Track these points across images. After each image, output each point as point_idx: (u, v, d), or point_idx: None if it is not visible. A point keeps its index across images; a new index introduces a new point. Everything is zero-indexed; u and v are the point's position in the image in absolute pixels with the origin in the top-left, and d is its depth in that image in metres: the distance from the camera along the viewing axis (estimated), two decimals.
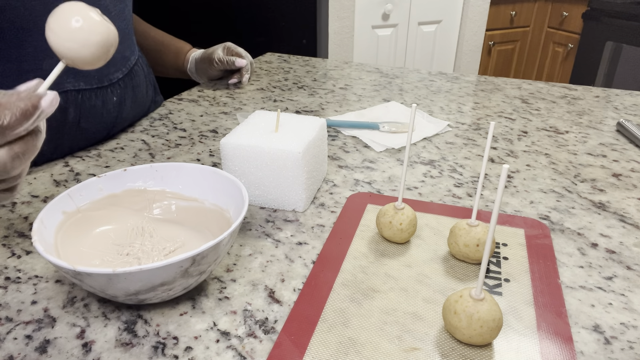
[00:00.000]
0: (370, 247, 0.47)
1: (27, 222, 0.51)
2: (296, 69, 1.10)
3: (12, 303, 0.41)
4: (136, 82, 0.75)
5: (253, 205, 0.55)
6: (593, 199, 0.58)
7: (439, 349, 0.36)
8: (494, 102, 0.91)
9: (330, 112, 0.84)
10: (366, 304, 0.40)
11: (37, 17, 0.55)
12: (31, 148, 0.38)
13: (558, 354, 0.36)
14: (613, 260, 0.47)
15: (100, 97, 0.67)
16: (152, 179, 0.49)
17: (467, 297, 0.35)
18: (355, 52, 2.23)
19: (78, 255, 0.42)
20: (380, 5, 2.20)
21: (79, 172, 0.62)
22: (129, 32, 0.74)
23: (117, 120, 0.72)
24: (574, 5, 2.52)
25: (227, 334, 0.38)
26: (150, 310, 0.40)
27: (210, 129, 0.76)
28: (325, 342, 0.36)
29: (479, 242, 0.43)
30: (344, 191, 0.59)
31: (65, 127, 0.64)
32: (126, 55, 0.72)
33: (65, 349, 0.36)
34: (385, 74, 1.07)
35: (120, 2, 0.69)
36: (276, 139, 0.52)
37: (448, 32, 2.43)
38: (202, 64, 0.94)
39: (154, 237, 0.46)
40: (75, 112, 0.64)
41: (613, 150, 0.71)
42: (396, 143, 0.72)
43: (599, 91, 0.97)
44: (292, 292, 0.42)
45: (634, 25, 2.20)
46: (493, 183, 0.61)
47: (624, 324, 0.39)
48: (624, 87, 2.25)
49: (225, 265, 0.45)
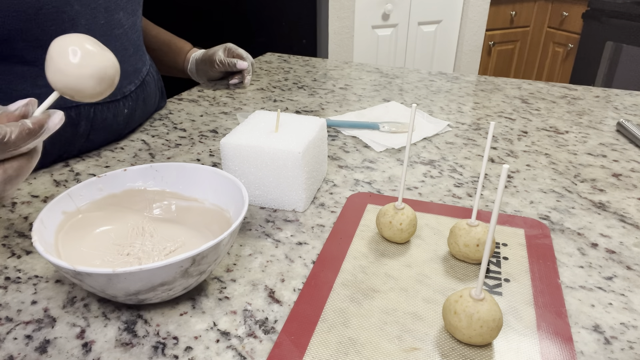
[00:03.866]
0: (370, 247, 0.47)
1: (27, 222, 0.51)
2: (296, 69, 1.10)
3: (12, 303, 0.41)
4: (147, 93, 0.75)
5: (253, 205, 0.55)
6: (593, 199, 0.58)
7: (439, 349, 0.36)
8: (494, 102, 0.91)
9: (330, 112, 0.84)
10: (366, 304, 0.40)
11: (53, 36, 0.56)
12: (25, 170, 0.38)
13: (558, 354, 0.36)
14: (613, 260, 0.47)
15: (112, 110, 0.67)
16: (152, 179, 0.49)
17: (467, 297, 0.35)
18: (355, 52, 2.23)
19: (78, 256, 0.42)
20: (380, 5, 2.20)
21: (79, 172, 0.62)
22: (141, 44, 0.74)
23: (125, 132, 0.72)
24: (574, 5, 2.52)
25: (227, 334, 0.38)
26: (150, 310, 0.40)
27: (210, 129, 0.76)
28: (325, 342, 0.36)
29: (479, 242, 0.43)
30: (344, 191, 0.59)
31: (74, 139, 0.64)
32: (138, 67, 0.72)
33: (65, 349, 0.36)
34: (385, 74, 1.07)
35: (132, 15, 0.69)
36: (276, 139, 0.52)
37: (448, 32, 2.43)
38: (203, 65, 0.94)
39: (155, 237, 0.46)
40: (87, 125, 0.64)
41: (613, 150, 0.71)
42: (396, 143, 0.72)
43: (599, 91, 0.97)
44: (292, 292, 0.42)
45: (634, 25, 2.20)
46: (493, 183, 0.61)
47: (624, 324, 0.39)
48: (624, 87, 2.25)
49: (225, 265, 0.45)
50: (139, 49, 0.73)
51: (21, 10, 0.53)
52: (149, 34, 0.93)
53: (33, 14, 0.53)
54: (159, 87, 0.83)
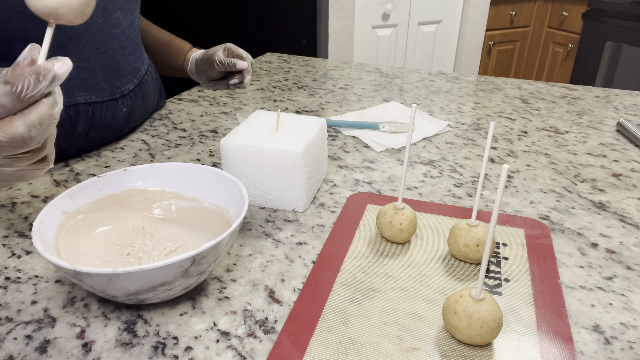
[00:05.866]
0: (370, 247, 0.47)
1: (27, 222, 0.51)
2: (296, 69, 1.10)
3: (12, 303, 0.41)
4: (146, 92, 0.75)
5: (253, 205, 0.55)
6: (593, 199, 0.58)
7: (439, 349, 0.36)
8: (494, 102, 0.91)
9: (330, 112, 0.84)
10: (366, 304, 0.40)
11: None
12: (46, 117, 0.37)
13: (558, 354, 0.36)
14: (613, 260, 0.47)
15: (111, 109, 0.67)
16: (152, 179, 0.49)
17: (467, 297, 0.35)
18: (355, 52, 2.23)
19: (78, 256, 0.42)
20: (380, 5, 2.20)
21: (79, 172, 0.62)
22: (139, 43, 0.74)
23: (125, 131, 0.72)
24: (574, 5, 2.52)
25: (227, 334, 0.38)
26: (150, 310, 0.40)
27: (210, 129, 0.76)
28: (325, 342, 0.36)
29: (479, 242, 0.43)
30: (344, 191, 0.59)
31: (73, 138, 0.64)
32: (137, 66, 0.72)
33: (65, 349, 0.36)
34: (385, 74, 1.07)
35: (130, 14, 0.69)
36: (276, 139, 0.52)
37: (448, 32, 2.43)
38: (203, 65, 0.94)
39: (155, 237, 0.46)
40: (85, 124, 0.64)
41: (613, 150, 0.71)
42: (396, 143, 0.72)
43: (599, 91, 0.97)
44: (292, 292, 0.42)
45: (634, 25, 2.20)
46: (493, 183, 0.61)
47: (624, 324, 0.39)
48: (624, 87, 2.25)
49: (225, 265, 0.45)
50: (137, 48, 0.73)
51: (20, 11, 0.53)
52: (148, 34, 0.93)
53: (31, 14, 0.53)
54: (158, 87, 0.83)
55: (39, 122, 0.37)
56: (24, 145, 0.37)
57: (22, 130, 0.36)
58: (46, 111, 0.37)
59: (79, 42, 0.61)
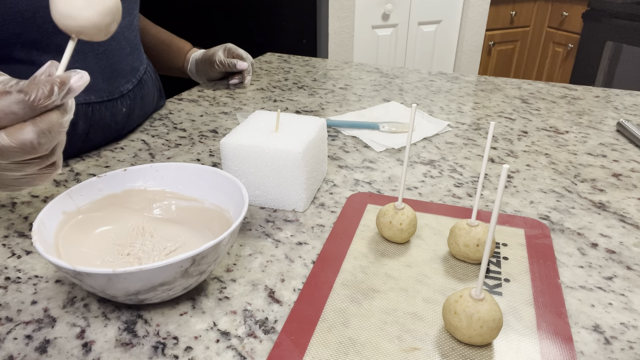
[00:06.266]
0: (370, 247, 0.47)
1: (27, 222, 0.51)
2: (296, 69, 1.10)
3: (12, 303, 0.41)
4: (145, 92, 0.75)
5: (253, 205, 0.55)
6: (593, 199, 0.58)
7: (439, 349, 0.36)
8: (494, 102, 0.91)
9: (330, 112, 0.84)
10: (366, 304, 0.40)
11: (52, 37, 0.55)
12: (56, 125, 0.38)
13: (558, 354, 0.36)
14: (613, 260, 0.47)
15: (110, 109, 0.67)
16: (152, 179, 0.49)
17: (467, 297, 0.35)
18: (355, 52, 2.23)
19: (78, 256, 0.42)
20: (380, 5, 2.20)
21: (79, 172, 0.62)
22: (138, 43, 0.74)
23: (124, 131, 0.72)
24: (574, 5, 2.52)
25: (227, 334, 0.38)
26: (150, 310, 0.40)
27: (210, 129, 0.76)
28: (325, 342, 0.36)
29: (479, 242, 0.43)
30: (344, 191, 0.59)
31: (73, 138, 0.64)
32: (135, 66, 0.72)
33: (65, 349, 0.36)
34: (385, 74, 1.07)
35: (129, 14, 0.69)
36: (276, 139, 0.52)
37: (448, 32, 2.43)
38: (203, 65, 0.94)
39: (155, 237, 0.46)
40: (85, 124, 0.64)
41: (613, 150, 0.71)
42: (396, 143, 0.72)
43: (599, 91, 0.97)
44: (292, 292, 0.42)
45: (634, 25, 2.20)
46: (493, 183, 0.61)
47: (624, 324, 0.39)
48: (624, 87, 2.25)
49: (225, 265, 0.45)
50: (136, 47, 0.73)
51: (18, 14, 0.53)
52: (148, 33, 0.93)
53: (30, 17, 0.53)
54: (157, 87, 0.83)
55: (48, 130, 0.37)
56: (33, 151, 0.37)
57: (31, 137, 0.36)
58: (56, 119, 0.38)
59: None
